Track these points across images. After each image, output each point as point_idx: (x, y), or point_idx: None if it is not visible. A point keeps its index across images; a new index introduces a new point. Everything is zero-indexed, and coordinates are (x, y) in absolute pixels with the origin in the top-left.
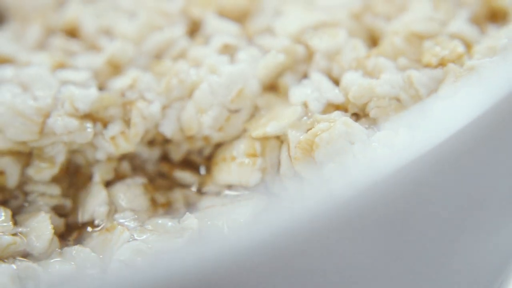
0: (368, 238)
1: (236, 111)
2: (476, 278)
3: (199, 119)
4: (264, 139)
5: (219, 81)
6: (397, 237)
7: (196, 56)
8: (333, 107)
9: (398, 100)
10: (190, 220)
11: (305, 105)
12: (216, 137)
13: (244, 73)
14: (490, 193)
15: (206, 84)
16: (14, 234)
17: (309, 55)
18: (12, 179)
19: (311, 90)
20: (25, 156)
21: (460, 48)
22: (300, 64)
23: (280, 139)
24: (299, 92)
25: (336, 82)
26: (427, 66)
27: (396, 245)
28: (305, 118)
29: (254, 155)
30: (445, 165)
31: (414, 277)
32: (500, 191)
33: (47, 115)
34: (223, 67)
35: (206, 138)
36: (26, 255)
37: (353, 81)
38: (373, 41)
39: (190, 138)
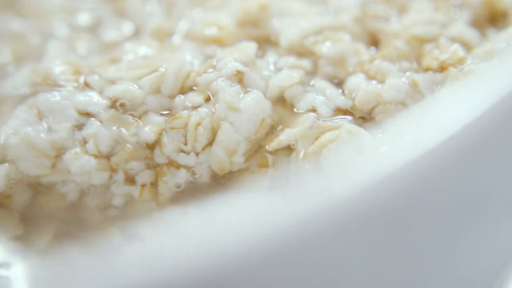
0: (368, 237)
1: (259, 137)
2: (476, 278)
3: (231, 160)
4: (277, 151)
5: (240, 118)
6: (397, 237)
7: (207, 83)
8: (340, 112)
9: (404, 104)
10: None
11: (314, 111)
12: (243, 166)
13: (260, 100)
14: (490, 193)
15: (228, 124)
16: None
17: (314, 61)
18: (18, 204)
19: (318, 97)
20: (35, 185)
21: (461, 52)
22: (306, 74)
23: (291, 149)
24: (306, 100)
25: (340, 86)
26: (428, 69)
27: (396, 245)
28: (313, 126)
29: (265, 166)
30: (445, 166)
31: (414, 277)
32: (500, 191)
33: (62, 150)
34: (240, 101)
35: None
36: None
37: (358, 86)
38: (374, 42)
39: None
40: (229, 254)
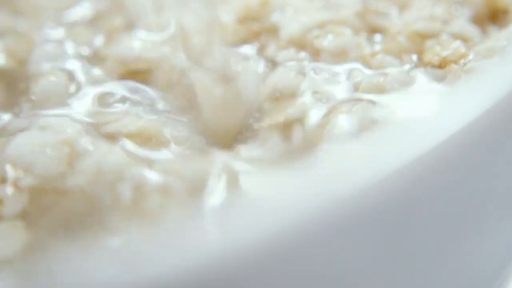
0: (368, 238)
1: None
2: (476, 278)
3: None
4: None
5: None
6: (395, 237)
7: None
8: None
9: None
10: None
11: (315, 105)
12: None
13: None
14: (490, 193)
15: None
16: None
17: (315, 55)
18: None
19: (319, 90)
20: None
21: (463, 49)
22: (306, 67)
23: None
24: (307, 93)
25: (341, 80)
26: (429, 64)
27: (394, 245)
28: (315, 119)
29: None
30: (445, 165)
31: (413, 277)
32: (501, 190)
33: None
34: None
35: None
36: None
37: (360, 80)
38: (374, 35)
39: None
40: (219, 256)
